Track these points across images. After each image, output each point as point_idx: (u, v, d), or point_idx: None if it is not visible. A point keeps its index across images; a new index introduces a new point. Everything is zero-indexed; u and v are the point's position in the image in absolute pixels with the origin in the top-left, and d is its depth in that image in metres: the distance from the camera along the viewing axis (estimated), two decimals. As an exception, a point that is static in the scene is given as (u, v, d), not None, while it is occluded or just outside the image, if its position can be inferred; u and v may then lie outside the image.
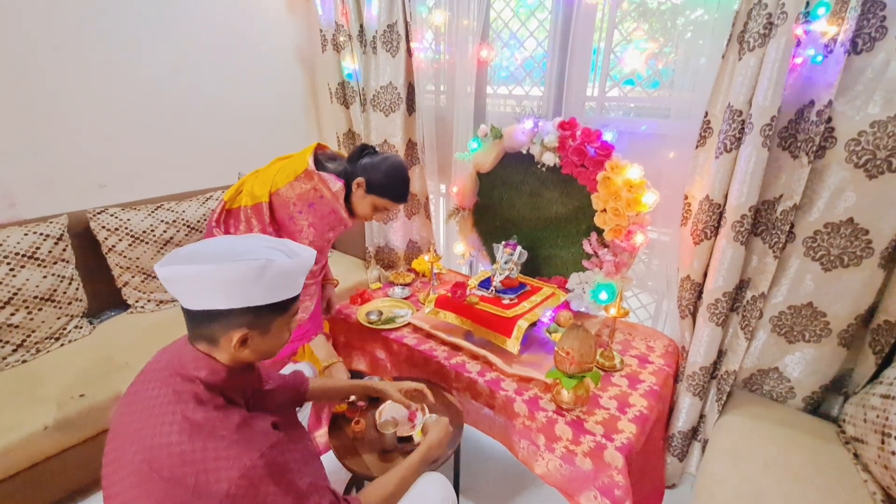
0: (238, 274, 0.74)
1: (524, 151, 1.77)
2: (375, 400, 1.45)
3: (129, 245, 1.90)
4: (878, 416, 1.17)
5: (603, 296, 1.61)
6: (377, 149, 1.54)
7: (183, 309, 0.80)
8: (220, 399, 0.80)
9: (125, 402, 0.84)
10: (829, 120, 1.18)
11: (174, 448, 0.72)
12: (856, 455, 1.24)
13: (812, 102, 1.21)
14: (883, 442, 1.12)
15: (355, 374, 1.92)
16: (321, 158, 1.45)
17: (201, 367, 0.80)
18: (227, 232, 1.43)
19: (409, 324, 1.81)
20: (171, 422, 0.74)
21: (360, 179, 1.39)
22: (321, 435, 1.67)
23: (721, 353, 1.51)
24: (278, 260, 0.78)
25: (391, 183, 1.42)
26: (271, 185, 1.38)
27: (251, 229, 1.39)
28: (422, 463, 1.10)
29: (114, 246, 1.88)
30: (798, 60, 1.21)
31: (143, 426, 0.76)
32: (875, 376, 1.29)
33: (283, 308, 0.83)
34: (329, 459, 1.44)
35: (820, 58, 1.19)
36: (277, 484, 0.75)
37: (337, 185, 1.38)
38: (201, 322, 0.79)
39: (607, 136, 1.61)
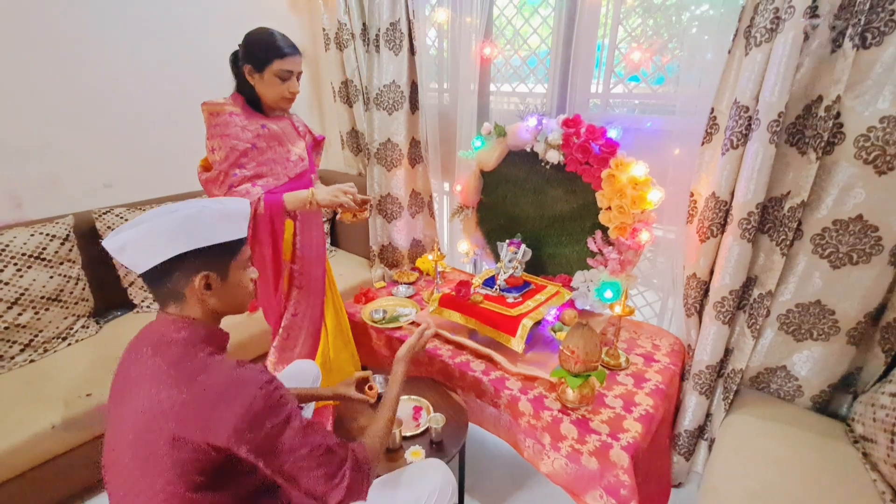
0: (178, 221, 0.79)
1: (528, 149, 1.77)
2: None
3: (135, 245, 1.91)
4: (887, 415, 1.15)
5: (608, 294, 1.60)
6: None
7: (142, 278, 0.83)
8: (209, 348, 0.84)
9: (115, 393, 0.85)
10: (838, 115, 1.16)
11: (175, 399, 0.75)
12: (865, 454, 1.22)
13: (820, 98, 1.19)
14: (892, 441, 1.11)
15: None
16: None
17: (181, 327, 0.83)
18: None
19: (413, 322, 1.81)
20: (163, 380, 0.77)
21: (246, 67, 1.33)
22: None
23: (728, 352, 1.50)
24: (213, 205, 0.85)
25: (264, 43, 1.32)
26: None
27: None
28: (402, 384, 1.14)
29: (119, 246, 1.89)
30: (806, 55, 1.19)
31: (137, 403, 0.77)
32: (884, 375, 1.27)
33: (233, 250, 0.87)
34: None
35: (828, 52, 1.17)
36: (277, 416, 0.79)
37: (222, 99, 1.36)
38: (162, 280, 0.82)
39: (612, 133, 1.60)
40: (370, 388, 1.30)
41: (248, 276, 0.92)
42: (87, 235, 1.87)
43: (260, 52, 1.32)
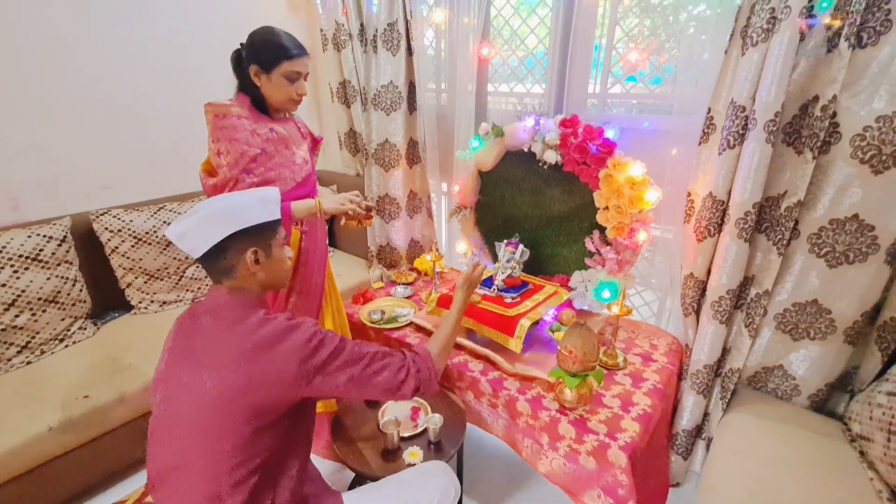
0: (224, 207, 0.94)
1: (526, 149, 1.76)
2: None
3: (132, 246, 1.91)
4: (884, 414, 1.16)
5: (606, 294, 1.60)
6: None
7: (200, 261, 0.96)
8: (263, 310, 0.96)
9: (175, 362, 0.94)
10: (834, 115, 1.17)
11: (245, 350, 0.87)
12: (862, 453, 1.23)
13: (816, 97, 1.20)
14: (889, 440, 1.12)
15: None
16: None
17: (235, 295, 0.96)
18: None
19: (411, 323, 1.81)
20: (229, 337, 0.90)
21: (252, 67, 1.30)
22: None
23: (725, 351, 1.50)
24: (250, 193, 1.01)
25: (271, 44, 1.30)
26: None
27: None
28: (464, 304, 1.31)
29: (117, 247, 1.89)
30: (802, 55, 1.19)
31: (208, 363, 0.88)
32: (881, 373, 1.28)
33: (272, 229, 1.00)
34: (333, 460, 1.45)
35: (824, 52, 1.18)
36: (333, 340, 0.95)
37: (227, 100, 1.34)
38: (218, 259, 0.94)
39: (609, 134, 1.60)
40: None
41: (286, 253, 1.04)
42: (85, 237, 1.87)
43: (268, 52, 1.30)
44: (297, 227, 1.47)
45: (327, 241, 1.66)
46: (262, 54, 1.30)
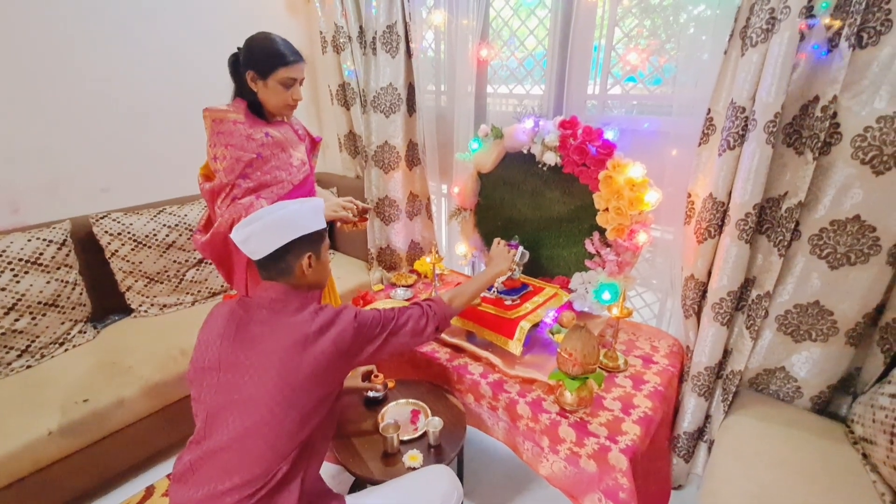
0: (286, 216, 1.03)
1: (525, 151, 1.76)
2: (377, 402, 1.45)
3: (132, 250, 1.91)
4: (886, 416, 1.15)
5: (606, 296, 1.60)
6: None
7: (259, 263, 1.05)
8: (315, 304, 1.08)
9: (232, 349, 1.00)
10: (835, 115, 1.16)
11: (308, 330, 0.99)
12: (864, 455, 1.22)
13: (817, 98, 1.19)
14: (892, 442, 1.11)
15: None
16: None
17: (289, 290, 1.06)
18: (206, 231, 1.42)
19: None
20: (291, 324, 1.00)
21: (249, 73, 1.31)
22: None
23: (726, 353, 1.49)
24: (304, 203, 1.10)
25: (268, 50, 1.30)
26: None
27: (212, 211, 1.40)
28: (492, 278, 1.45)
29: (117, 251, 1.89)
30: (802, 55, 1.19)
31: (272, 346, 0.98)
32: (884, 375, 1.27)
33: (322, 236, 1.10)
34: (333, 463, 1.45)
35: (824, 52, 1.17)
36: (371, 311, 1.13)
37: (224, 105, 1.34)
38: (277, 261, 1.04)
39: (609, 135, 1.59)
40: (375, 376, 1.43)
41: (329, 257, 1.16)
42: (85, 240, 1.87)
43: (264, 59, 1.30)
44: None
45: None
46: (259, 61, 1.30)
